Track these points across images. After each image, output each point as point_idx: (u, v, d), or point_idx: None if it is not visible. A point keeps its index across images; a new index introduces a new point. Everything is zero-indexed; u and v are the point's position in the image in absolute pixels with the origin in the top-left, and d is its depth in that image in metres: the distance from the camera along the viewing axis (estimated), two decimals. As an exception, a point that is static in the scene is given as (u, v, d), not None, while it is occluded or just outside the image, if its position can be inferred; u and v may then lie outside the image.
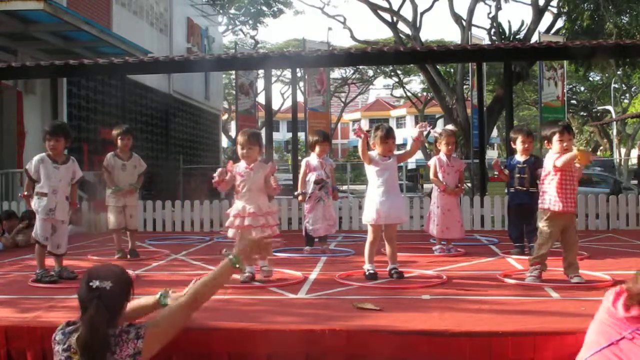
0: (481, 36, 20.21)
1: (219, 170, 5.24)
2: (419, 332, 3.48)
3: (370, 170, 5.33)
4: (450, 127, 7.33)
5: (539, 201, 5.07)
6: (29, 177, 5.51)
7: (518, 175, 6.56)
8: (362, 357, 3.47)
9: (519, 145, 6.56)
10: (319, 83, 16.64)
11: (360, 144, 5.23)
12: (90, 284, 2.63)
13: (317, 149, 6.94)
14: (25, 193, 5.56)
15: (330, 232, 7.04)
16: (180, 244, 8.14)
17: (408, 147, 5.40)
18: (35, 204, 5.44)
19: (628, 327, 2.31)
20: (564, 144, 4.94)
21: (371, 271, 5.23)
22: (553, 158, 4.92)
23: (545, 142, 5.10)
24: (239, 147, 5.23)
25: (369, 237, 5.31)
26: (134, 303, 3.06)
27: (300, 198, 7.04)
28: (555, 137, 4.95)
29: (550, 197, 4.94)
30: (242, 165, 5.20)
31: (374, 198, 5.26)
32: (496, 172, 7.45)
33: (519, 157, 6.59)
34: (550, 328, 3.43)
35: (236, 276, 5.26)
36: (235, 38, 29.08)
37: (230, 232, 5.25)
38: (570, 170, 4.91)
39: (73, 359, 2.60)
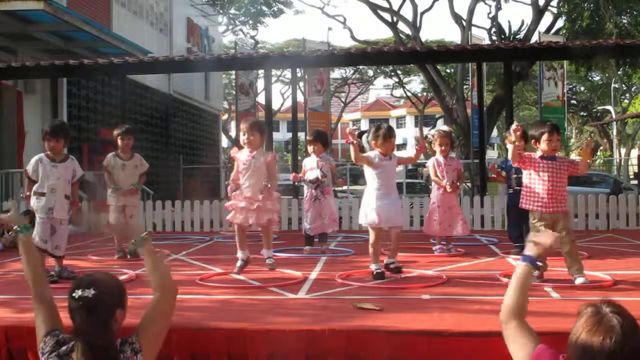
0: (481, 36, 20.19)
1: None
2: (419, 332, 3.48)
3: (368, 172, 5.31)
4: (444, 127, 7.32)
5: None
6: (28, 178, 5.53)
7: (515, 175, 6.55)
8: (362, 357, 3.47)
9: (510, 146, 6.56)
10: (319, 83, 16.62)
11: (352, 149, 5.15)
12: (73, 294, 2.45)
13: (309, 148, 7.16)
14: (28, 193, 5.55)
15: (327, 230, 7.04)
16: (180, 244, 8.14)
17: (408, 153, 5.46)
18: (34, 204, 5.45)
19: None
20: (553, 144, 4.91)
21: (378, 270, 5.22)
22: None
23: (533, 142, 5.05)
24: (241, 134, 5.37)
25: (371, 237, 5.27)
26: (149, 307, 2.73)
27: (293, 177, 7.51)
28: (544, 137, 4.89)
29: (526, 196, 5.02)
30: (244, 153, 5.34)
31: (373, 200, 5.23)
32: (494, 175, 7.47)
33: None
34: (550, 328, 3.43)
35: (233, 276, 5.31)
36: (235, 38, 29.05)
37: (229, 215, 5.42)
38: (548, 170, 4.87)
39: None
